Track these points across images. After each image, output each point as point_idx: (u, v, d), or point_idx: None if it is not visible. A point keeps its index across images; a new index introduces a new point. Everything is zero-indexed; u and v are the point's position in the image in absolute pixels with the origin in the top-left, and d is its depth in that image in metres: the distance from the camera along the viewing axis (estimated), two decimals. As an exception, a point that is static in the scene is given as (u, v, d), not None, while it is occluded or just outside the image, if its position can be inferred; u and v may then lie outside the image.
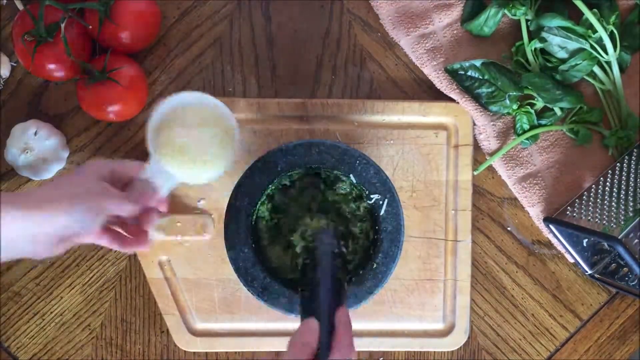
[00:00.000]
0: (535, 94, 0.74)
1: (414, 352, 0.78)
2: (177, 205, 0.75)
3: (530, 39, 0.74)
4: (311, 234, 0.68)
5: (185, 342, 0.76)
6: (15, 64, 0.77)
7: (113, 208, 0.59)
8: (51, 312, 0.77)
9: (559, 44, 0.73)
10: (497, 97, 0.75)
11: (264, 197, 0.67)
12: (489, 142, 0.77)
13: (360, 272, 0.66)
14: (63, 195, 0.57)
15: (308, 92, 0.78)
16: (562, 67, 0.74)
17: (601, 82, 0.75)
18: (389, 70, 0.78)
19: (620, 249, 0.66)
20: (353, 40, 0.78)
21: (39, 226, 0.56)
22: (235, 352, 0.77)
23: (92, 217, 0.58)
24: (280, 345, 0.76)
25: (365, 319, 0.76)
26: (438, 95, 0.77)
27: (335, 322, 0.56)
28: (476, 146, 0.77)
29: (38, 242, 0.57)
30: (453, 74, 0.76)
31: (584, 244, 0.75)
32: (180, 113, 0.66)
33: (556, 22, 0.72)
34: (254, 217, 0.66)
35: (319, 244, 0.63)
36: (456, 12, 0.77)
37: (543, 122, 0.76)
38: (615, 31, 0.72)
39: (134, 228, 0.66)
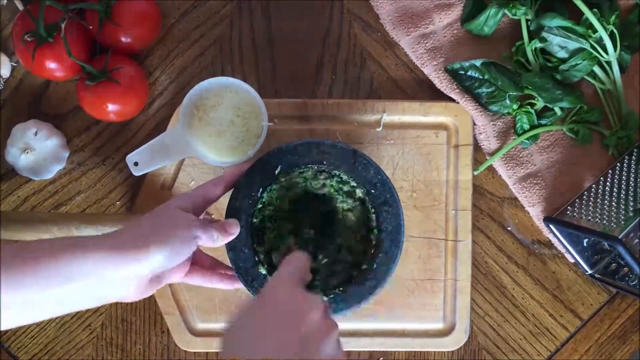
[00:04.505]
0: (535, 94, 0.74)
1: (414, 352, 0.78)
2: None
3: (531, 38, 0.74)
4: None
5: (185, 342, 0.76)
6: (15, 64, 0.77)
7: (203, 237, 0.57)
8: (51, 312, 0.77)
9: (559, 43, 0.73)
10: (497, 97, 0.75)
11: (265, 197, 0.67)
12: (489, 142, 0.77)
13: (361, 273, 0.66)
14: (154, 230, 0.55)
15: (308, 92, 0.78)
16: (562, 67, 0.74)
17: (601, 82, 0.75)
18: (389, 70, 0.78)
19: (621, 249, 0.66)
20: (353, 40, 0.78)
21: (133, 267, 0.53)
22: (236, 352, 0.77)
23: (185, 249, 0.56)
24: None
25: (366, 319, 0.76)
26: (438, 95, 0.77)
27: None
28: (476, 146, 0.77)
29: (131, 285, 0.54)
30: (453, 74, 0.76)
31: (584, 244, 0.75)
32: (219, 94, 0.70)
33: (556, 22, 0.72)
34: (254, 217, 0.66)
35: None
36: (456, 12, 0.77)
37: (543, 122, 0.76)
38: (615, 31, 0.72)
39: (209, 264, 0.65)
